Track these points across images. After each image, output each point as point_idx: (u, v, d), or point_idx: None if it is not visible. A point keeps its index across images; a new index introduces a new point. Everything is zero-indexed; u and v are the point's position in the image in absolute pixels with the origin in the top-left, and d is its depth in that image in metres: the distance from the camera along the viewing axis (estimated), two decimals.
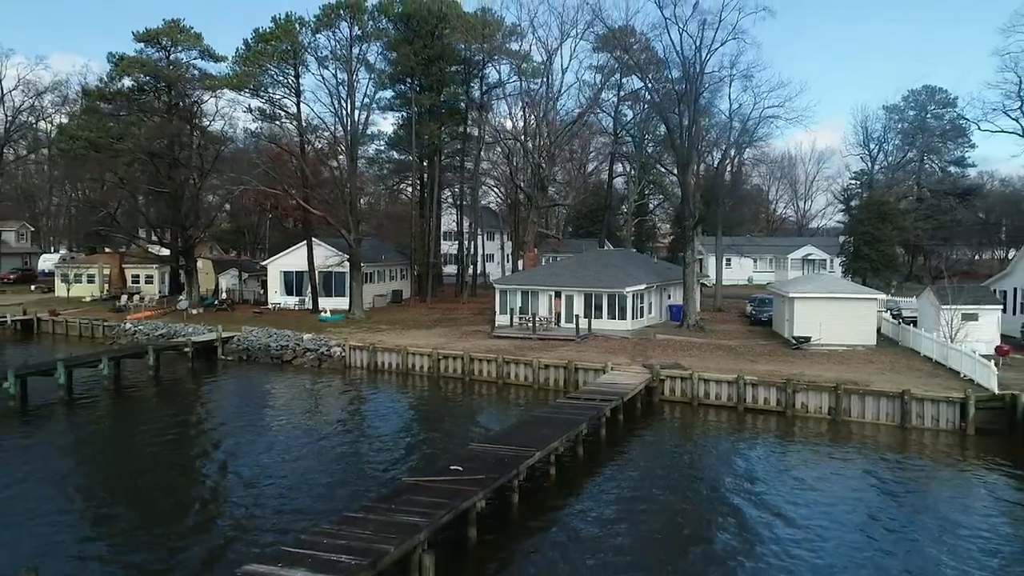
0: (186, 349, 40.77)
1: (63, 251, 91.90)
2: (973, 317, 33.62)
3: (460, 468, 18.36)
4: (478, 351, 37.31)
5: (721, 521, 18.90)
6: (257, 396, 34.23)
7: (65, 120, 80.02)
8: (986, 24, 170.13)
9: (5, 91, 72.49)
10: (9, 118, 74.24)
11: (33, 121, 77.03)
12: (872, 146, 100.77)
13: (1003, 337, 34.98)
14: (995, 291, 40.55)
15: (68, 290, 61.13)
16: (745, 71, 51.70)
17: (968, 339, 32.26)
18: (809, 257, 79.28)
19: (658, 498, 20.40)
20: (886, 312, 42.48)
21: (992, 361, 29.14)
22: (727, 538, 17.81)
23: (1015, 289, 39.54)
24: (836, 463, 23.73)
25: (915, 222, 79.87)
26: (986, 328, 33.60)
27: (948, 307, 33.17)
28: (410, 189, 69.29)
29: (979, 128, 76.62)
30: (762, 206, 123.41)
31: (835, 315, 36.59)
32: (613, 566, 16.03)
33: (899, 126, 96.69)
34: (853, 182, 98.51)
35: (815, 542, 17.41)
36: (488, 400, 33.25)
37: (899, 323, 39.40)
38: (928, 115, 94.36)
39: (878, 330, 39.93)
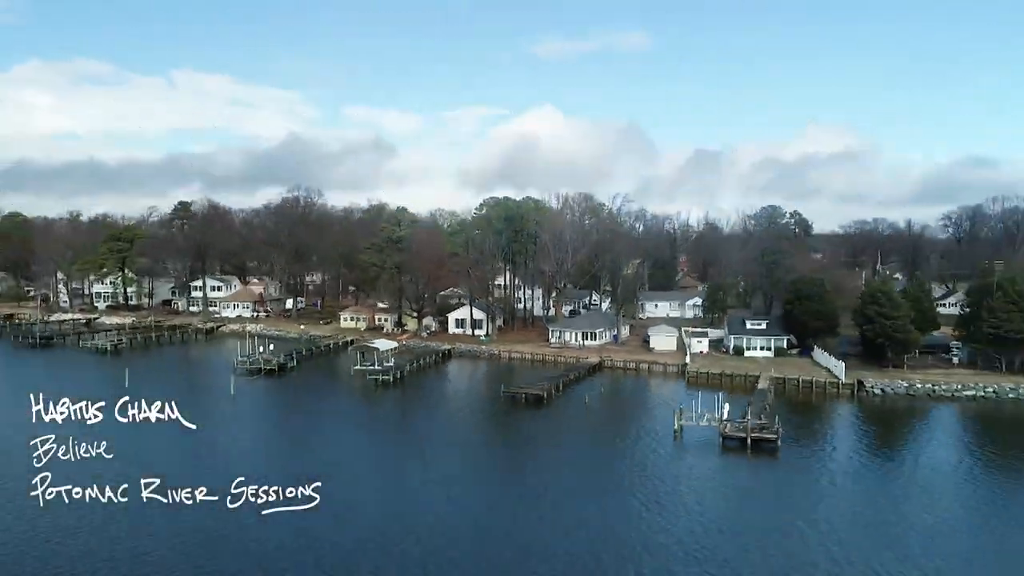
0: (444, 352, 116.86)
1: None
2: (699, 338, 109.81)
3: (554, 376, 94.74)
4: (546, 352, 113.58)
5: (619, 395, 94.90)
6: (483, 367, 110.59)
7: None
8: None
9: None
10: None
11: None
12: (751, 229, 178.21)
13: (715, 346, 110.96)
14: (724, 326, 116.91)
15: (355, 323, 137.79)
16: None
17: (697, 347, 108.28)
18: (696, 303, 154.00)
19: (599, 388, 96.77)
20: (690, 337, 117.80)
21: (697, 352, 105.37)
22: (623, 395, 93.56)
23: (727, 326, 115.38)
24: (647, 382, 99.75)
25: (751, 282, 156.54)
26: (703, 343, 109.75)
27: (691, 334, 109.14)
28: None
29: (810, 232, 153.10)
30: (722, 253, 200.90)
31: (663, 337, 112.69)
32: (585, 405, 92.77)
33: (762, 219, 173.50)
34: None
35: (645, 390, 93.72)
36: (551, 368, 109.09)
37: (689, 339, 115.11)
38: (775, 218, 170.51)
39: (685, 344, 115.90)
